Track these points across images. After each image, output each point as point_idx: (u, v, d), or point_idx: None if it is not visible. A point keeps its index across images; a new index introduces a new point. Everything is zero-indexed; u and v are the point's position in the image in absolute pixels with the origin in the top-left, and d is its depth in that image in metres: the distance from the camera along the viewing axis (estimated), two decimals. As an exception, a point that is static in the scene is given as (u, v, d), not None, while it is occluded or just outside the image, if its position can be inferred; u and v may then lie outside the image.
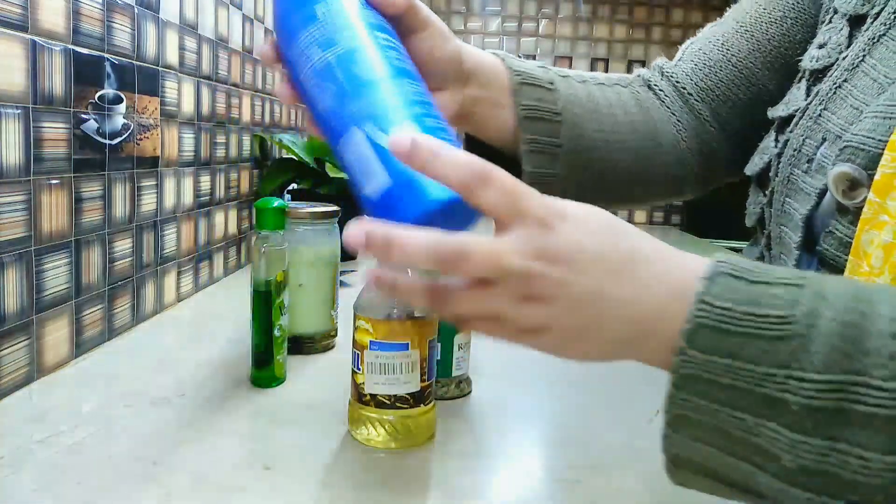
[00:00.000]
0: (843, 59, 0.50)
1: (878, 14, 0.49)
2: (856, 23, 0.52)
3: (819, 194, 0.47)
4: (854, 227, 0.43)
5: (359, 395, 0.55)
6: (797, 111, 0.52)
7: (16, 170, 0.59)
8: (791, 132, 0.52)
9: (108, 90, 0.73)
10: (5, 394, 0.59)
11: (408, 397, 0.54)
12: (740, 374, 0.31)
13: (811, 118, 0.50)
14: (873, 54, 0.47)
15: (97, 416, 0.58)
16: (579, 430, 0.61)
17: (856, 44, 0.50)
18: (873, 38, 0.48)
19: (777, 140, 0.54)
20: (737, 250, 2.00)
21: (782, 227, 0.51)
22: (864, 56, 0.48)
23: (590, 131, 0.58)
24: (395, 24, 0.45)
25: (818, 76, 0.52)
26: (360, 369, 0.54)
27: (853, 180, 0.43)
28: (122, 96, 0.76)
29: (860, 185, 0.43)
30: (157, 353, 0.75)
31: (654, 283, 0.34)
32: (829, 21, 0.55)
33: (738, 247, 2.07)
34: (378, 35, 0.42)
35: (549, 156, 0.56)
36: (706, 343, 0.32)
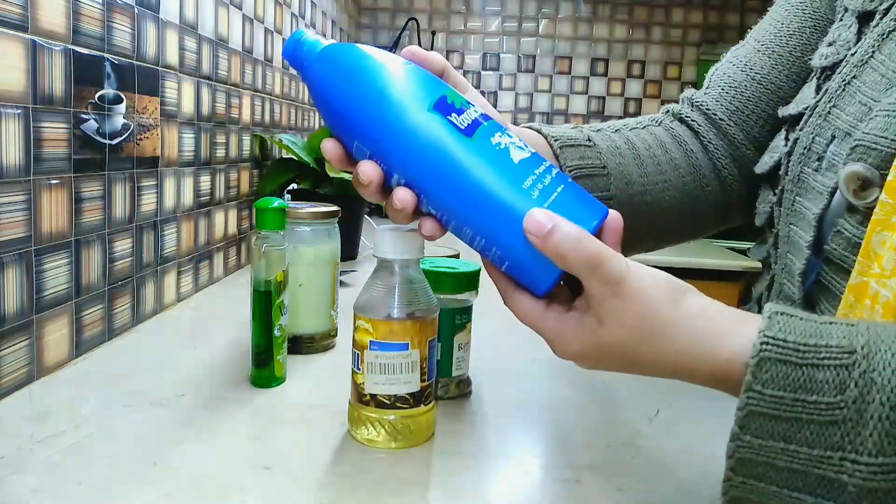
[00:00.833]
0: (852, 55, 0.50)
1: (886, 10, 0.49)
2: (864, 19, 0.51)
3: (831, 193, 0.47)
4: (863, 228, 0.42)
5: (359, 395, 0.55)
6: (807, 109, 0.52)
7: (16, 170, 0.59)
8: (801, 130, 0.52)
9: (108, 90, 0.73)
10: (5, 394, 0.59)
11: (408, 397, 0.54)
12: (796, 457, 0.32)
13: (820, 116, 0.50)
14: (882, 50, 0.47)
15: (97, 416, 0.58)
16: (579, 430, 0.60)
17: (864, 40, 0.49)
18: (882, 34, 0.48)
19: (787, 138, 0.54)
20: (741, 251, 1.99)
21: (792, 225, 0.51)
22: (872, 52, 0.48)
23: (635, 177, 0.59)
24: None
25: (828, 74, 0.52)
26: (360, 369, 0.54)
27: (865, 180, 0.43)
28: (122, 96, 0.76)
29: (872, 184, 0.42)
30: (157, 353, 0.75)
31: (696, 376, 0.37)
32: (841, 19, 0.55)
33: (742, 247, 2.07)
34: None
35: None
36: (760, 429, 0.33)
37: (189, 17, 0.93)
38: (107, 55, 0.72)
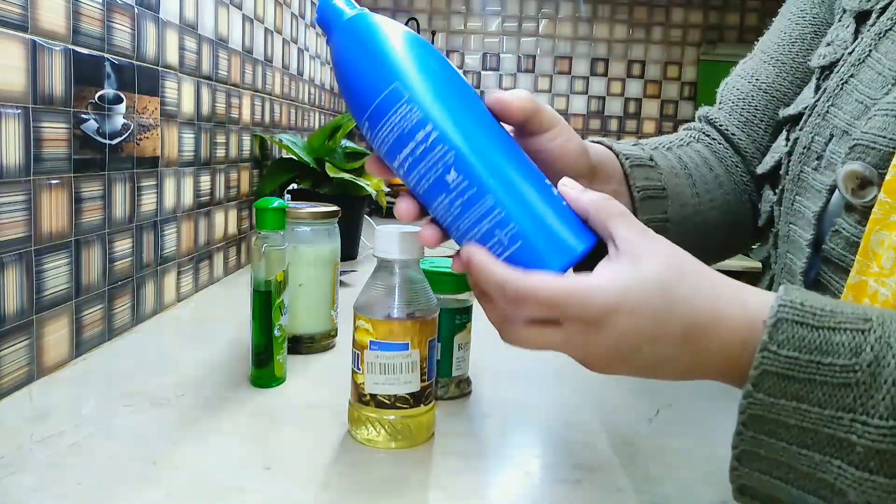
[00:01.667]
0: (849, 54, 0.50)
1: (883, 9, 0.49)
2: (861, 18, 0.52)
3: (829, 191, 0.47)
4: (861, 227, 0.42)
5: (359, 395, 0.55)
6: (806, 108, 0.52)
7: (16, 170, 0.59)
8: (800, 130, 0.52)
9: (108, 90, 0.73)
10: (5, 394, 0.59)
11: (408, 397, 0.54)
12: (807, 416, 0.33)
13: (819, 115, 0.50)
14: (879, 48, 0.47)
15: (97, 416, 0.58)
16: (579, 430, 0.60)
17: (861, 39, 0.50)
18: (879, 33, 0.48)
19: (787, 139, 0.54)
20: (743, 253, 1.99)
21: (792, 224, 0.51)
22: (869, 51, 0.48)
23: (688, 198, 0.59)
24: (521, 125, 0.46)
25: (826, 73, 0.53)
26: (360, 369, 0.54)
27: (863, 178, 0.43)
28: (122, 96, 0.76)
29: (870, 183, 0.43)
30: (157, 353, 0.75)
31: (713, 353, 0.36)
32: (839, 20, 0.55)
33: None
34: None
35: (662, 234, 0.58)
36: (773, 388, 0.33)
37: (189, 17, 0.93)
38: (107, 55, 0.72)
